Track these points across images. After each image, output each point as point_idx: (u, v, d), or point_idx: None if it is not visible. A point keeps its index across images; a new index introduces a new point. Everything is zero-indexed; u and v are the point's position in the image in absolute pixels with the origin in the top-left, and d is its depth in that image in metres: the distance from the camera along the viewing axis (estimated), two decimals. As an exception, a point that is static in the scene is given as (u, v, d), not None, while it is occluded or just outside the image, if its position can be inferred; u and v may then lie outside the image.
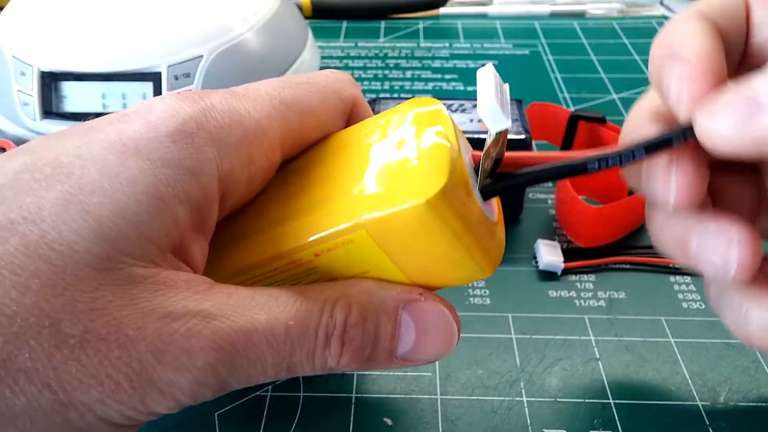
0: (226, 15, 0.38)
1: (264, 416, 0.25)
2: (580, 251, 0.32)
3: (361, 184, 0.18)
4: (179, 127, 0.17)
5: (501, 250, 0.19)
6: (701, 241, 0.17)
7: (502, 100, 0.16)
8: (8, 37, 0.37)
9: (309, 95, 0.20)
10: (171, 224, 0.16)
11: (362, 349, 0.18)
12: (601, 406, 0.25)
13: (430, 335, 0.19)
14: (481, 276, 0.18)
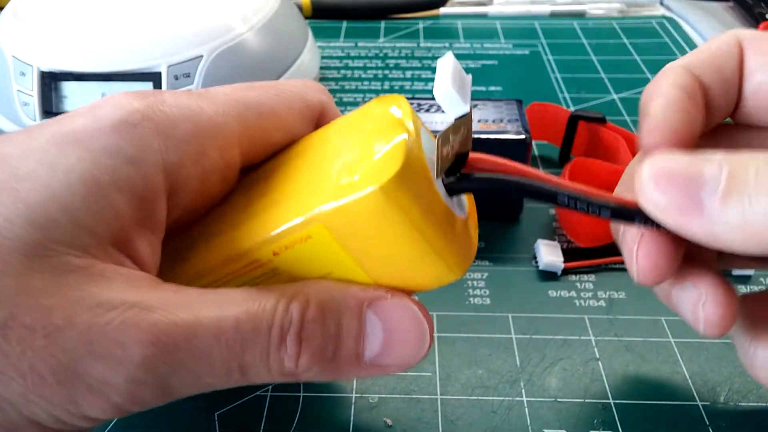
0: (226, 15, 0.38)
1: (264, 416, 0.25)
2: (580, 251, 0.32)
3: (318, 178, 0.17)
4: (123, 118, 0.17)
5: (472, 250, 0.18)
6: (676, 294, 0.18)
7: (461, 85, 0.16)
8: (8, 37, 0.37)
9: (272, 98, 0.20)
10: (109, 213, 0.15)
11: (323, 350, 0.17)
12: (601, 406, 0.25)
13: (400, 335, 0.17)
14: (450, 276, 0.18)
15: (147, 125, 0.17)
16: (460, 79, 0.16)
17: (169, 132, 0.17)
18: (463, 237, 0.18)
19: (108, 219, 0.15)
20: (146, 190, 0.16)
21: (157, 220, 0.17)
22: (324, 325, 0.17)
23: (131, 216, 0.16)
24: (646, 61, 0.50)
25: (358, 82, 0.48)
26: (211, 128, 0.18)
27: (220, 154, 0.18)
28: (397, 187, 0.15)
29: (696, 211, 0.14)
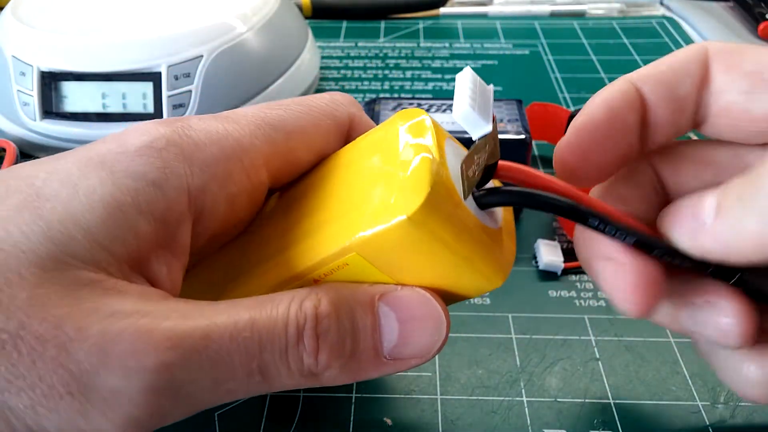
0: (226, 15, 0.38)
1: (264, 416, 0.25)
2: (580, 251, 0.32)
3: (350, 205, 0.17)
4: (148, 143, 0.17)
5: (509, 259, 0.18)
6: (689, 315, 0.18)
7: (481, 103, 0.16)
8: (8, 37, 0.37)
9: (299, 116, 0.20)
10: (128, 233, 0.16)
11: (341, 345, 0.16)
12: (601, 406, 0.25)
13: (415, 323, 0.17)
14: (489, 287, 0.18)
15: (172, 150, 0.17)
16: (480, 94, 0.16)
17: (195, 156, 0.17)
18: (498, 247, 0.18)
19: (126, 238, 0.15)
20: (169, 212, 0.16)
21: (179, 243, 0.17)
22: (339, 320, 0.17)
23: (151, 238, 0.16)
24: (646, 61, 0.50)
25: (358, 82, 0.48)
26: (238, 150, 0.18)
27: (247, 176, 0.18)
28: (425, 215, 0.16)
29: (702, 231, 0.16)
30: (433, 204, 0.16)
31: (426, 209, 0.16)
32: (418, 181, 0.16)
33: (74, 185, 0.15)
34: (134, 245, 0.16)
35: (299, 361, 0.16)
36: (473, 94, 0.16)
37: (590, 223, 0.16)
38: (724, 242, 0.15)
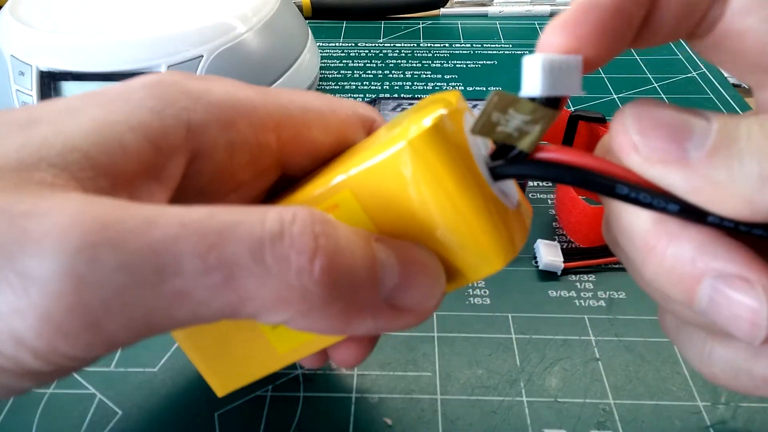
0: (226, 15, 0.38)
1: (264, 416, 0.25)
2: (580, 251, 0.32)
3: (356, 155, 0.17)
4: (156, 80, 0.16)
5: (516, 243, 0.16)
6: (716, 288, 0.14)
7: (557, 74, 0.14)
8: (7, 37, 0.37)
9: (316, 99, 0.19)
10: (113, 145, 0.14)
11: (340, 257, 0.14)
12: (601, 406, 0.25)
13: (416, 266, 0.15)
14: (487, 267, 0.16)
15: (178, 87, 0.16)
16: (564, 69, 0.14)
17: (201, 97, 0.17)
18: (506, 225, 0.16)
19: (109, 149, 0.14)
20: (164, 138, 0.15)
21: (169, 174, 0.16)
22: (336, 229, 0.14)
23: (140, 159, 0.15)
24: (646, 61, 0.50)
25: (358, 82, 0.48)
26: (247, 104, 0.17)
27: (253, 132, 0.17)
28: (427, 144, 0.14)
29: (680, 163, 0.13)
30: (437, 137, 0.14)
31: (428, 137, 0.14)
32: (427, 120, 0.15)
33: (68, 109, 0.15)
34: (119, 159, 0.14)
35: (282, 259, 0.13)
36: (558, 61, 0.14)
37: (619, 191, 0.14)
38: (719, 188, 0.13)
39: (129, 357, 0.27)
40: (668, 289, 0.14)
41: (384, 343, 0.27)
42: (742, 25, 0.15)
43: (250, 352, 0.20)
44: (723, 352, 0.16)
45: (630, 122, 0.14)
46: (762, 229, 0.13)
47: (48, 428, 0.24)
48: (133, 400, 0.25)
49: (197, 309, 0.13)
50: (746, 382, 0.16)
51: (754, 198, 0.13)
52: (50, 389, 0.26)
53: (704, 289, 0.13)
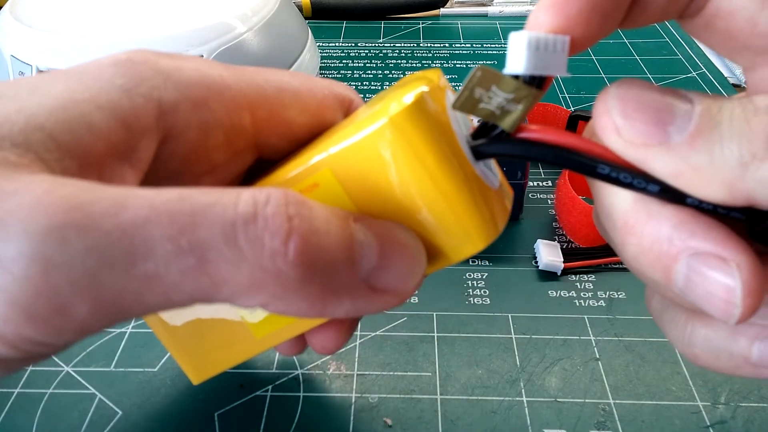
0: (226, 15, 0.38)
1: (264, 416, 0.25)
2: (580, 251, 0.32)
3: (336, 134, 0.16)
4: (124, 57, 0.16)
5: (498, 223, 0.16)
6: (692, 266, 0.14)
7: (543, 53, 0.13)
8: (7, 37, 0.37)
9: (293, 78, 0.19)
10: (79, 124, 0.14)
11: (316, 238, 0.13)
12: (601, 406, 0.25)
13: (395, 246, 0.15)
14: (469, 247, 0.16)
15: (149, 65, 0.16)
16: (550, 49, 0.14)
17: (172, 75, 0.16)
18: (488, 205, 0.16)
19: (75, 128, 0.14)
20: (134, 118, 0.15)
21: (140, 156, 0.15)
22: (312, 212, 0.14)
23: (110, 138, 0.14)
24: (646, 61, 0.50)
25: (358, 82, 0.48)
26: (219, 84, 0.17)
27: (226, 112, 0.17)
28: (408, 121, 0.14)
29: (662, 146, 0.13)
30: (419, 114, 0.14)
31: (410, 114, 0.14)
32: (408, 96, 0.15)
33: (32, 86, 0.14)
34: (86, 139, 0.14)
35: (256, 241, 0.12)
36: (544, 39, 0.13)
37: (600, 172, 0.14)
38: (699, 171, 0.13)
39: (129, 357, 0.27)
40: (647, 268, 0.14)
41: (384, 343, 0.27)
42: (731, 4, 0.14)
43: (226, 338, 0.20)
44: (703, 332, 0.16)
45: (613, 103, 0.14)
46: (739, 213, 0.13)
47: (48, 428, 0.24)
48: (133, 400, 0.25)
49: (169, 293, 0.12)
50: (727, 361, 0.16)
51: (733, 183, 0.13)
52: (50, 389, 0.26)
53: (680, 267, 0.14)
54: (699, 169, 0.13)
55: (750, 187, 0.13)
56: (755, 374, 0.16)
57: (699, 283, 0.14)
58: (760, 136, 0.12)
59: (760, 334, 0.15)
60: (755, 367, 0.16)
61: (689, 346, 0.17)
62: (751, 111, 0.13)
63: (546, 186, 0.37)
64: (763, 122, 0.12)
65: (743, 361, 0.16)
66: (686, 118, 0.13)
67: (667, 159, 0.13)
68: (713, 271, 0.13)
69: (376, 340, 0.28)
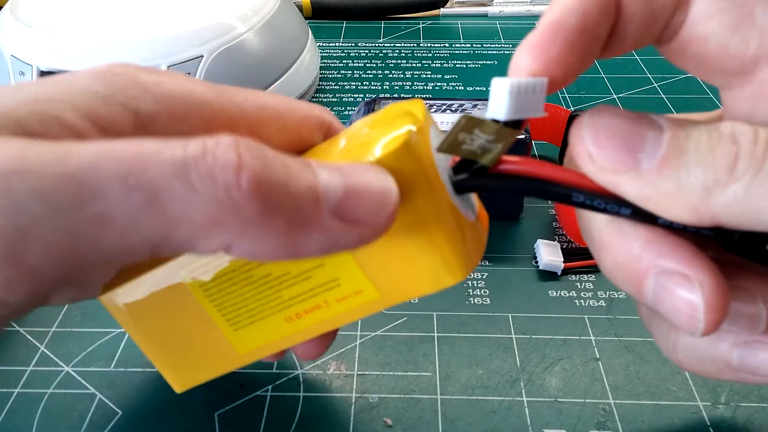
0: (226, 15, 0.38)
1: (264, 416, 0.25)
2: (580, 251, 0.32)
3: None
4: (104, 68, 0.16)
5: (476, 254, 0.17)
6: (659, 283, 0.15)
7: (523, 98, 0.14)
8: (7, 37, 0.37)
9: (272, 98, 0.19)
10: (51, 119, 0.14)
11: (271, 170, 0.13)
12: (601, 406, 0.25)
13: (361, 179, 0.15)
14: (449, 278, 0.17)
15: (129, 77, 0.16)
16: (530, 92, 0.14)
17: (151, 88, 0.16)
18: (467, 238, 0.17)
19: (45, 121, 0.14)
20: (109, 123, 0.15)
21: None
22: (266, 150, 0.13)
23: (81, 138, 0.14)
24: (646, 61, 0.50)
25: (358, 82, 0.48)
26: (200, 99, 0.17)
27: (205, 127, 0.17)
28: (396, 163, 0.15)
29: (632, 172, 0.14)
30: (407, 155, 0.15)
31: (399, 156, 0.15)
32: (395, 136, 0.15)
33: (12, 87, 0.14)
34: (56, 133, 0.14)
35: (208, 176, 0.12)
36: (524, 84, 0.14)
37: (575, 199, 0.15)
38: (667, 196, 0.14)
39: (129, 357, 0.27)
40: (621, 283, 0.15)
41: (384, 343, 0.28)
42: (704, 29, 0.15)
43: (208, 350, 0.20)
44: (686, 340, 0.17)
45: (586, 132, 0.15)
46: (708, 231, 0.14)
47: (48, 428, 0.24)
48: (133, 400, 0.25)
49: (124, 235, 0.12)
50: (709, 366, 0.17)
51: (698, 207, 0.14)
52: (50, 389, 0.26)
53: (649, 283, 0.15)
54: (667, 194, 0.14)
55: (714, 211, 0.13)
56: (737, 378, 0.17)
57: (666, 298, 0.15)
58: (723, 163, 0.13)
59: (739, 341, 0.16)
60: (736, 371, 0.17)
61: (674, 352, 0.18)
62: (715, 139, 0.14)
63: (546, 186, 0.37)
64: (725, 150, 0.13)
65: (725, 365, 0.17)
66: (655, 145, 0.14)
67: (637, 184, 0.14)
68: (678, 288, 0.14)
69: (376, 340, 0.28)
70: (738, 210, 0.13)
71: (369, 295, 0.18)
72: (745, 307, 0.16)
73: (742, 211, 0.13)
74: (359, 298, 0.18)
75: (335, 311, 0.18)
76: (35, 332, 0.29)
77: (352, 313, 0.19)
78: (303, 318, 0.19)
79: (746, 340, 0.16)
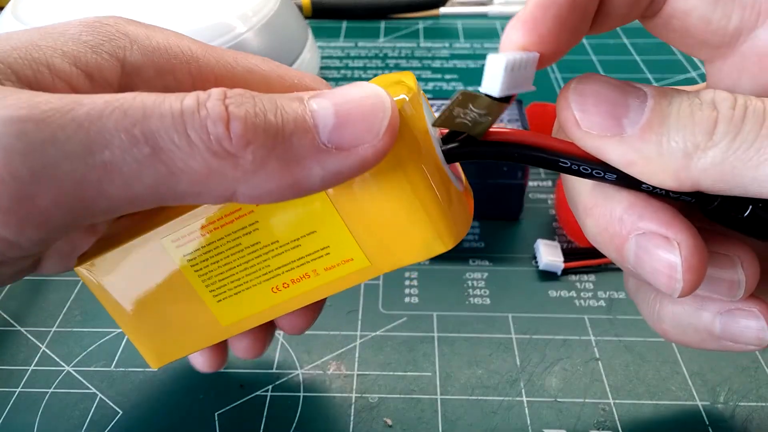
0: (226, 15, 0.38)
1: (264, 416, 0.25)
2: (580, 251, 0.32)
3: None
4: (94, 18, 0.16)
5: (466, 222, 0.18)
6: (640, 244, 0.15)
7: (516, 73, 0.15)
8: (8, 37, 0.37)
9: (263, 62, 0.19)
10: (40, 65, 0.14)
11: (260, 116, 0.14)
12: (601, 406, 0.25)
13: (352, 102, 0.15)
14: (439, 245, 0.17)
15: (118, 27, 0.16)
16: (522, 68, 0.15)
17: (140, 40, 0.17)
18: (457, 206, 0.17)
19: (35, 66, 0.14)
20: (96, 70, 0.15)
21: None
22: (254, 96, 0.14)
23: (70, 83, 0.15)
24: (646, 61, 0.50)
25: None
26: (187, 54, 0.17)
27: (191, 82, 0.17)
28: None
29: (616, 137, 0.14)
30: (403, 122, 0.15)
31: None
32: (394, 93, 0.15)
33: (8, 36, 0.15)
34: (45, 78, 0.14)
35: (202, 129, 0.13)
36: (518, 60, 0.14)
37: (562, 165, 0.15)
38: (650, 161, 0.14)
39: (129, 357, 0.27)
40: (603, 246, 0.16)
41: (384, 343, 0.28)
42: (686, 4, 0.16)
43: (189, 323, 0.20)
44: (669, 309, 0.17)
45: (573, 98, 0.15)
46: (689, 196, 0.15)
47: (49, 428, 0.25)
48: (133, 400, 0.26)
49: (130, 183, 0.13)
50: (692, 336, 0.17)
51: (679, 172, 0.14)
52: (51, 389, 0.26)
53: (630, 245, 0.15)
54: (649, 159, 0.14)
55: (694, 175, 0.14)
56: (719, 347, 0.17)
57: (646, 260, 0.15)
58: (703, 128, 0.14)
59: (721, 309, 0.17)
60: (719, 340, 0.17)
61: (659, 321, 0.18)
62: (696, 105, 0.14)
63: (546, 186, 0.37)
64: (706, 115, 0.14)
65: (707, 334, 0.17)
66: (639, 112, 0.14)
67: (621, 149, 0.14)
68: (658, 249, 0.15)
69: (376, 340, 0.28)
70: (717, 174, 0.14)
71: (359, 263, 0.18)
72: (726, 272, 0.16)
73: (720, 175, 0.14)
74: (349, 267, 0.18)
75: (323, 280, 0.18)
76: (36, 332, 0.29)
77: (340, 282, 0.18)
78: (290, 288, 0.19)
79: (729, 308, 0.17)
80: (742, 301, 0.16)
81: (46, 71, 0.14)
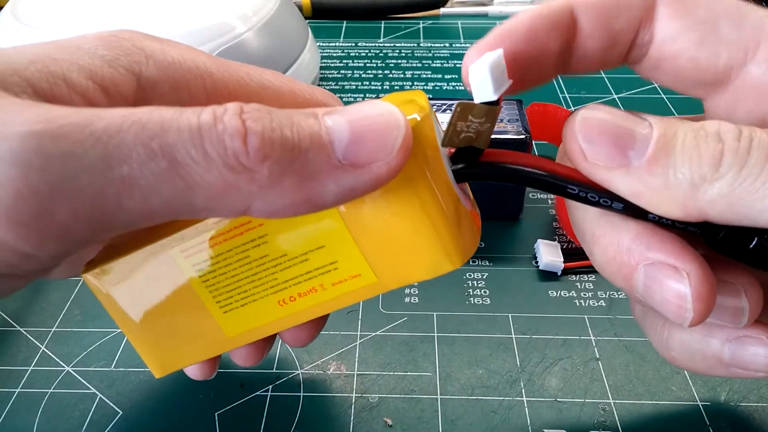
0: (226, 15, 0.38)
1: (264, 416, 0.25)
2: (580, 251, 0.32)
3: None
4: (109, 32, 0.16)
5: (471, 243, 0.18)
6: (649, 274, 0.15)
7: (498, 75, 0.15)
8: (8, 37, 0.37)
9: (275, 77, 0.19)
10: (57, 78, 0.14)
11: (277, 131, 0.14)
12: (601, 406, 0.25)
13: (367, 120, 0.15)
14: (447, 264, 0.17)
15: (134, 42, 0.16)
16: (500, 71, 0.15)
17: (155, 55, 0.17)
18: (465, 225, 0.17)
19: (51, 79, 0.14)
20: (112, 84, 0.15)
21: None
22: (271, 112, 0.14)
23: (86, 96, 0.15)
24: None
25: (358, 82, 0.48)
26: (202, 70, 0.17)
27: (206, 97, 0.17)
28: None
29: (622, 169, 0.15)
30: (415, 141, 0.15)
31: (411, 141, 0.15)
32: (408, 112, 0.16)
33: (18, 48, 0.15)
34: (62, 91, 0.14)
35: (219, 144, 0.13)
36: (495, 60, 0.15)
37: (570, 191, 0.16)
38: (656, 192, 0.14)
39: (129, 357, 0.27)
40: (612, 276, 0.16)
41: (384, 343, 0.28)
42: (673, 48, 0.16)
43: (194, 333, 0.20)
44: (677, 336, 0.17)
45: (579, 129, 0.15)
46: (695, 227, 0.15)
47: (48, 428, 0.25)
48: (133, 400, 0.26)
49: (147, 197, 0.13)
50: (701, 362, 0.17)
51: (686, 203, 0.14)
52: (51, 389, 0.26)
53: (639, 275, 0.15)
54: (656, 190, 0.14)
55: (701, 206, 0.14)
56: (728, 374, 0.17)
57: (655, 289, 0.15)
58: (709, 160, 0.14)
59: (730, 336, 0.17)
60: (728, 367, 0.17)
61: (667, 348, 0.18)
62: (701, 136, 0.14)
63: (546, 186, 0.37)
64: (711, 147, 0.14)
65: (716, 361, 0.17)
66: (644, 143, 0.14)
67: (628, 181, 0.15)
68: (667, 279, 0.15)
69: (376, 340, 0.28)
70: (724, 205, 0.14)
71: (366, 279, 0.18)
72: (730, 300, 0.16)
73: (727, 206, 0.14)
74: (356, 282, 0.18)
75: (330, 295, 0.18)
76: (36, 332, 0.29)
77: (347, 297, 0.18)
78: (296, 301, 0.19)
79: (737, 336, 0.17)
80: (750, 328, 0.17)
81: (63, 85, 0.14)
